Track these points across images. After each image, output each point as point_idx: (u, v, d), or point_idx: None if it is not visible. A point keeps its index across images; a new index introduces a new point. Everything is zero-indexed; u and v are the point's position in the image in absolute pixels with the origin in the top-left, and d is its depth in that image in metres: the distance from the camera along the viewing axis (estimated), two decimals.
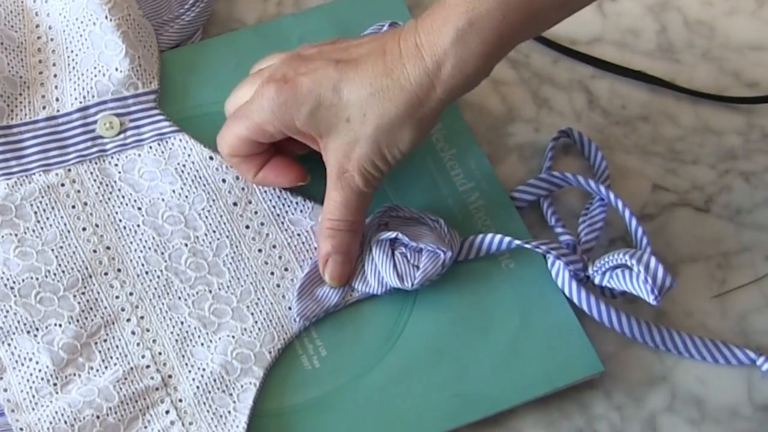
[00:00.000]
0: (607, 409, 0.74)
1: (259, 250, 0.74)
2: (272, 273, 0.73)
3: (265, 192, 0.75)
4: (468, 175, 0.80)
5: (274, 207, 0.75)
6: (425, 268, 0.72)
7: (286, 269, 0.74)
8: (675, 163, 0.83)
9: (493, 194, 0.79)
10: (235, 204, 0.75)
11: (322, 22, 0.84)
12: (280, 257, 0.74)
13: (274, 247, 0.74)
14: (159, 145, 0.76)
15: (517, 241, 0.73)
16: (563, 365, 0.73)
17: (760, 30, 0.88)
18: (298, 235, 0.74)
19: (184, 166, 0.76)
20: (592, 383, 0.74)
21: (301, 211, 0.75)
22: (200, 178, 0.76)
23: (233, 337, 0.71)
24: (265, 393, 0.71)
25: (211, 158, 0.76)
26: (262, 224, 0.75)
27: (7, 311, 0.70)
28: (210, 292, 0.73)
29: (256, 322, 0.72)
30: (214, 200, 0.75)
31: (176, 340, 0.71)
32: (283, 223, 0.75)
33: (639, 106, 0.85)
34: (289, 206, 0.75)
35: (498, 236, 0.74)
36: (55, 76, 0.78)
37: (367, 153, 0.69)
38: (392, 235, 0.72)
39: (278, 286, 0.73)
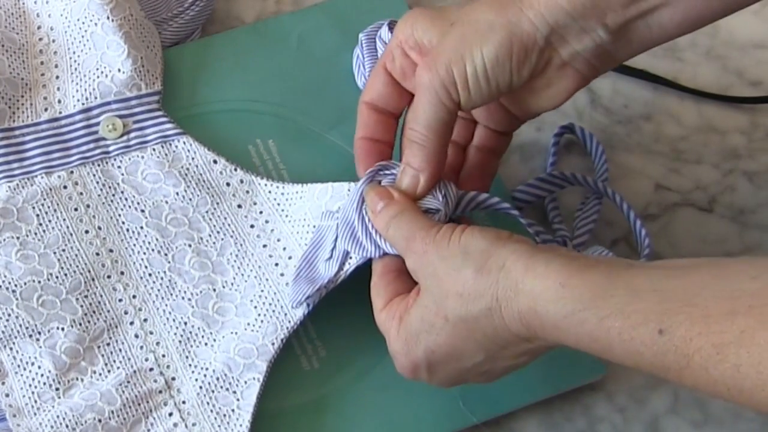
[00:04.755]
0: (609, 411, 0.74)
1: (264, 246, 0.74)
2: (276, 264, 0.73)
3: (269, 192, 0.75)
4: None
5: (278, 204, 0.75)
6: None
7: (290, 258, 0.73)
8: (678, 162, 0.83)
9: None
10: (239, 206, 0.75)
11: (321, 20, 0.84)
12: (284, 248, 0.74)
13: (279, 240, 0.74)
14: (162, 147, 0.76)
15: (506, 204, 0.70)
16: (564, 368, 0.72)
17: (764, 29, 0.88)
18: (298, 220, 0.74)
19: (187, 169, 0.76)
20: (594, 385, 0.74)
21: (301, 197, 0.74)
22: (204, 181, 0.75)
23: (236, 333, 0.71)
24: (265, 393, 0.71)
25: (215, 162, 0.76)
26: (267, 222, 0.75)
27: (9, 315, 0.70)
28: (214, 290, 0.73)
29: (260, 314, 0.72)
30: (218, 203, 0.75)
31: (179, 342, 0.71)
32: (287, 215, 0.74)
33: (642, 105, 0.85)
34: (290, 197, 0.75)
35: (492, 197, 0.70)
36: (57, 77, 0.78)
37: (449, 55, 0.65)
38: None
39: (282, 275, 0.73)
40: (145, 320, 0.72)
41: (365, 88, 0.71)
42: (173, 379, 0.70)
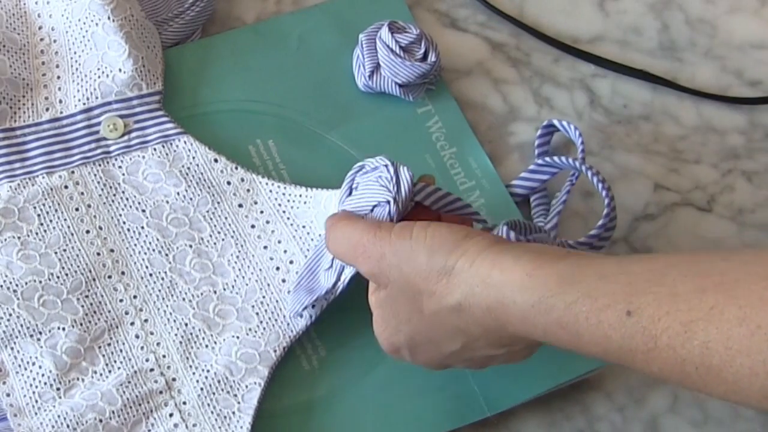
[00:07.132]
0: (608, 410, 0.74)
1: (265, 247, 0.74)
2: (278, 268, 0.74)
3: (270, 191, 0.75)
4: (468, 173, 0.80)
5: (279, 205, 0.75)
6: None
7: (291, 262, 0.74)
8: (677, 162, 0.83)
9: (493, 193, 0.79)
10: (240, 206, 0.75)
11: (321, 21, 0.85)
12: (285, 251, 0.74)
13: (280, 242, 0.74)
14: (163, 147, 0.76)
15: (467, 205, 0.68)
16: (564, 361, 0.72)
17: (763, 28, 0.88)
18: (303, 226, 0.74)
19: (188, 168, 0.76)
20: (593, 384, 0.74)
21: (305, 202, 0.74)
22: (205, 180, 0.76)
23: (237, 337, 0.71)
24: (264, 393, 0.71)
25: (215, 160, 0.76)
26: (268, 222, 0.75)
27: (10, 315, 0.70)
28: (215, 292, 0.73)
29: (261, 321, 0.72)
30: (219, 202, 0.75)
31: (180, 343, 0.71)
32: (288, 218, 0.75)
33: (641, 105, 0.85)
34: (292, 200, 0.75)
35: (452, 196, 0.68)
36: (58, 77, 0.78)
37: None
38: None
39: (284, 281, 0.73)
40: (146, 321, 0.72)
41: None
42: (174, 379, 0.70)
